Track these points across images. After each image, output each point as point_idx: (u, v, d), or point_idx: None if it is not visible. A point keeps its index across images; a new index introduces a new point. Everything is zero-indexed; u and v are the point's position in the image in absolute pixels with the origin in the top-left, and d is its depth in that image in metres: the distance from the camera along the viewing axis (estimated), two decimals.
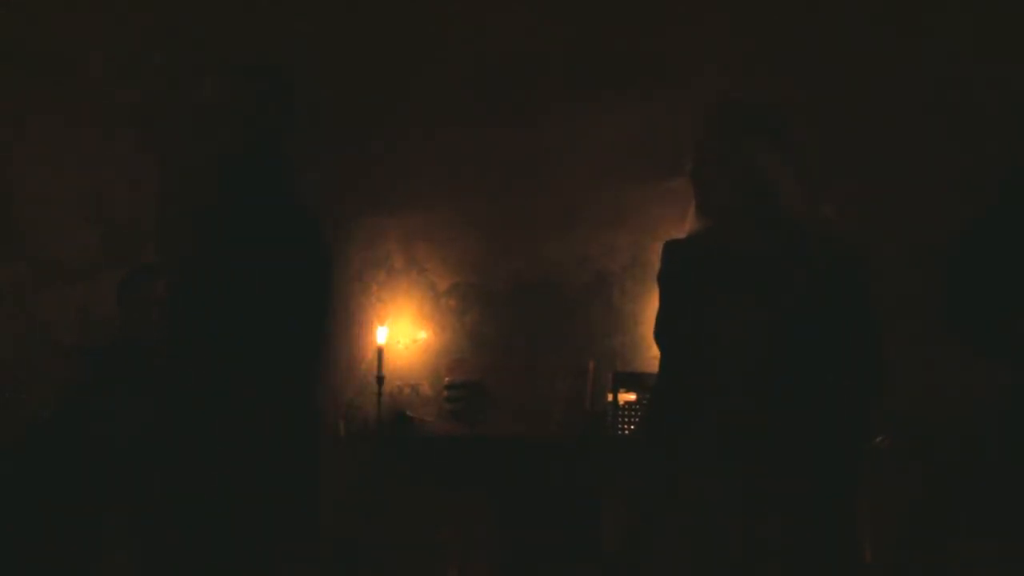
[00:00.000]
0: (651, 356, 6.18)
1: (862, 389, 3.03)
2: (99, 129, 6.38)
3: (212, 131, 3.41)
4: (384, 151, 6.62)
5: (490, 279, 6.68)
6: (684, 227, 3.16)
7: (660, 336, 3.18)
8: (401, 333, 6.71)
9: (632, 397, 5.95)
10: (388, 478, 6.11)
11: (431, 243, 6.74)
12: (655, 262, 3.24)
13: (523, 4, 6.49)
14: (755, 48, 6.12)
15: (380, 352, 6.49)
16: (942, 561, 5.08)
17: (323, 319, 3.48)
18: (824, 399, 2.98)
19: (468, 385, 6.32)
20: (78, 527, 4.64)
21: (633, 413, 5.91)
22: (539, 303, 6.55)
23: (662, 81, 6.26)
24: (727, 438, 2.97)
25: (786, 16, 6.14)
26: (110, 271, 5.51)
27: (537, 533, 5.82)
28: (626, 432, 5.87)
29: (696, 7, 6.27)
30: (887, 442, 4.84)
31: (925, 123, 5.92)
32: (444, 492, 6.03)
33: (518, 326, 6.59)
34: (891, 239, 5.48)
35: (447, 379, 6.42)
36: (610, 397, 6.00)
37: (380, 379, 6.46)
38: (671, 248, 3.19)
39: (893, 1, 6.07)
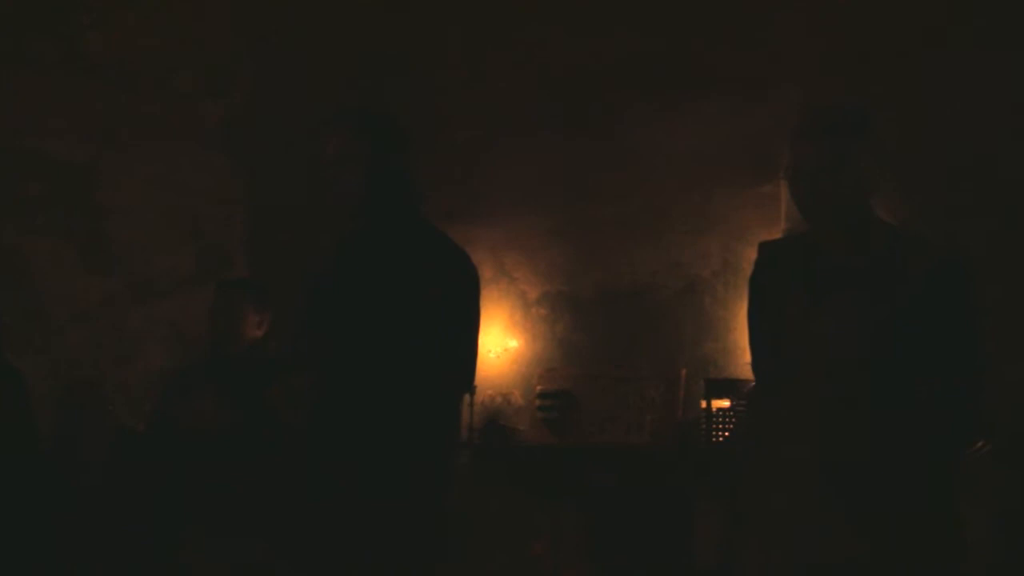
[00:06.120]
0: (744, 362, 6.10)
1: (965, 392, 2.97)
2: (190, 146, 6.45)
3: (337, 180, 3.62)
4: (470, 160, 6.62)
5: (580, 287, 6.66)
6: (779, 228, 3.13)
7: (754, 339, 3.15)
8: (492, 342, 6.69)
9: (726, 404, 5.86)
10: (480, 487, 6.10)
11: (520, 252, 6.73)
12: (746, 267, 3.21)
13: (607, 14, 6.45)
14: (840, 50, 6.00)
15: None
16: None
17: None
18: (925, 401, 2.93)
19: (560, 394, 6.28)
20: (163, 536, 4.69)
21: (727, 420, 5.82)
22: (629, 310, 6.51)
23: (746, 85, 6.18)
24: (824, 443, 2.93)
25: (870, 17, 6.01)
26: (201, 288, 5.55)
27: (629, 544, 5.78)
28: (720, 439, 5.79)
29: (778, 10, 6.18)
30: (987, 446, 4.74)
31: (1008, 127, 5.74)
32: (536, 502, 6.00)
33: (608, 334, 6.55)
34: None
35: (539, 388, 6.38)
36: (703, 404, 5.92)
37: (472, 388, 6.43)
38: (766, 249, 3.16)
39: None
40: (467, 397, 6.33)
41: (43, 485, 4.71)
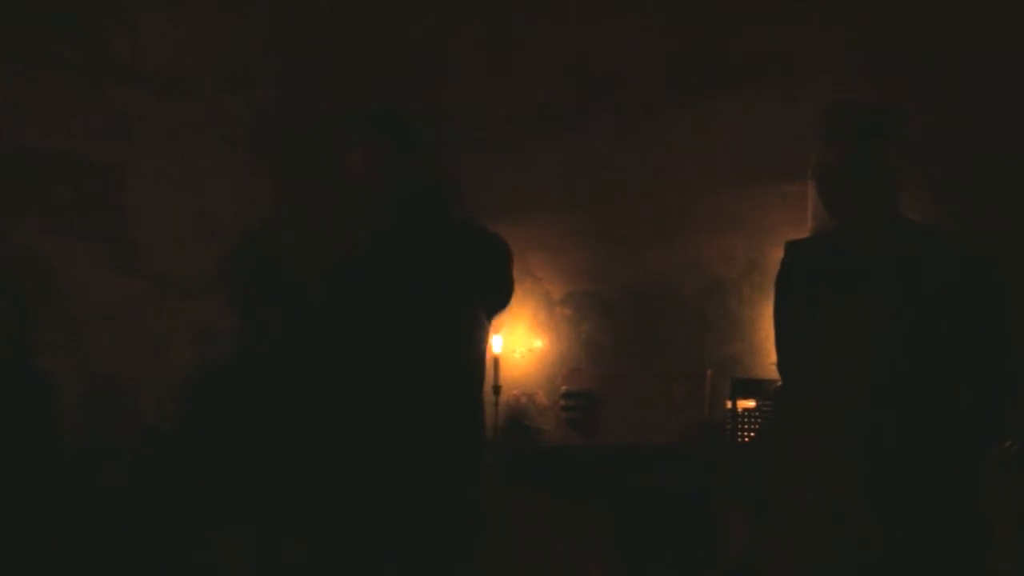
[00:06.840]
0: (770, 362, 6.06)
1: (992, 391, 2.96)
2: (215, 147, 6.47)
3: (363, 180, 3.63)
4: (494, 160, 6.61)
5: (604, 287, 6.65)
6: (805, 228, 3.12)
7: (780, 338, 3.14)
8: (517, 342, 6.69)
9: (751, 404, 5.84)
10: (505, 487, 6.09)
11: (545, 252, 6.72)
12: (772, 267, 3.20)
13: (626, 11, 6.43)
14: (865, 46, 5.96)
15: (496, 361, 6.48)
16: None
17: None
18: (954, 400, 2.91)
19: (585, 394, 6.27)
20: (188, 533, 4.71)
21: (752, 420, 5.80)
22: (654, 310, 6.49)
23: (768, 83, 6.14)
24: (849, 442, 2.91)
25: (896, 14, 5.97)
26: (224, 288, 5.56)
27: (654, 544, 5.76)
28: (746, 440, 5.77)
29: (801, 9, 6.14)
30: (1015, 445, 4.70)
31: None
32: (561, 502, 5.99)
33: (633, 334, 6.54)
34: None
35: (564, 388, 6.37)
36: (728, 405, 5.90)
37: (496, 388, 6.44)
38: (793, 248, 3.15)
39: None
40: (492, 397, 6.35)
41: (55, 494, 4.71)
